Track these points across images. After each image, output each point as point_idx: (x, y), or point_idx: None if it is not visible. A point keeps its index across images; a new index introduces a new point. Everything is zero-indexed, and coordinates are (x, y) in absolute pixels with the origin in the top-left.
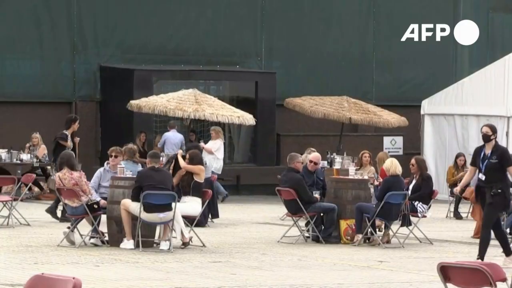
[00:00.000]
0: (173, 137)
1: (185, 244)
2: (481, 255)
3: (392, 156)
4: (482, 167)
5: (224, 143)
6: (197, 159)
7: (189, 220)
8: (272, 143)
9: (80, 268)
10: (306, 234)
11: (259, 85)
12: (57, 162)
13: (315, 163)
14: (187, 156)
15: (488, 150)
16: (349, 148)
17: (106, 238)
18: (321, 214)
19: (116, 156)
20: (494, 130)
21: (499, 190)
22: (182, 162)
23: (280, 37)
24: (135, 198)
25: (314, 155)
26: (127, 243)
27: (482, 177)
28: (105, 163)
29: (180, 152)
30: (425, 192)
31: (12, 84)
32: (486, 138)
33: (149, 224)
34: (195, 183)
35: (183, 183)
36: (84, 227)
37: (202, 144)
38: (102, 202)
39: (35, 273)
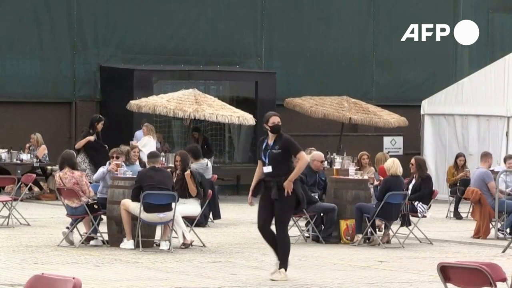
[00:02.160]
0: (141, 135)
1: (185, 245)
2: (284, 264)
3: (392, 156)
4: (265, 159)
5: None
6: (186, 161)
7: (189, 221)
8: None
9: (80, 268)
10: (306, 234)
11: (259, 85)
12: (59, 162)
13: (323, 161)
14: (177, 158)
15: (270, 140)
16: (349, 148)
17: (102, 238)
18: (321, 214)
19: (117, 157)
20: (280, 118)
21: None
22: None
23: (280, 37)
24: (135, 198)
25: (319, 154)
26: (127, 243)
27: (268, 169)
28: (107, 163)
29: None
30: (425, 192)
31: (12, 84)
32: (277, 128)
33: (149, 224)
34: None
35: (178, 186)
36: (81, 227)
37: (133, 142)
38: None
39: (35, 273)
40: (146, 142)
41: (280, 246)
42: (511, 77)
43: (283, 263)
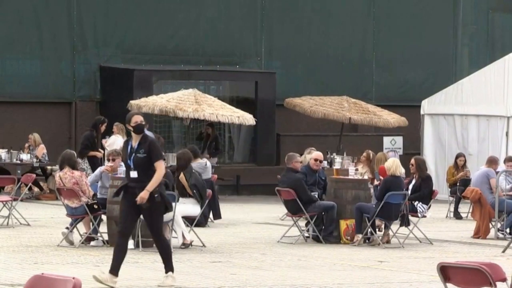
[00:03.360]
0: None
1: (185, 245)
2: (169, 267)
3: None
4: (130, 163)
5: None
6: (181, 161)
7: (189, 221)
8: (272, 143)
9: (80, 268)
10: (306, 234)
11: (259, 85)
12: (59, 162)
13: (320, 161)
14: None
15: (134, 142)
16: (349, 148)
17: (102, 238)
18: (322, 214)
19: (113, 159)
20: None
21: (156, 195)
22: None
23: (280, 37)
24: None
25: (318, 153)
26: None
27: (134, 174)
28: (106, 163)
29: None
30: (425, 192)
31: (12, 84)
32: (141, 129)
33: None
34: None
35: (179, 186)
36: (81, 227)
37: (104, 141)
38: None
39: (35, 273)
40: (113, 141)
41: (161, 252)
42: (511, 77)
43: (168, 266)
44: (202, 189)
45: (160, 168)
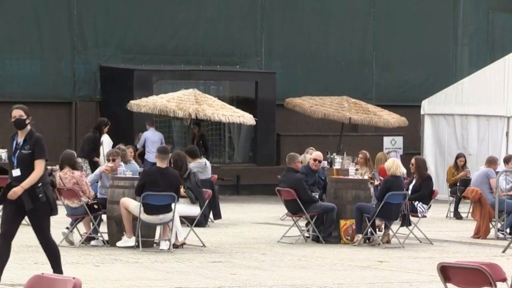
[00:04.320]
0: (152, 135)
1: (176, 246)
2: (57, 270)
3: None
4: (14, 160)
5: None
6: (178, 162)
7: (189, 220)
8: (272, 143)
9: (80, 268)
10: (306, 234)
11: (259, 85)
12: (59, 162)
13: (320, 161)
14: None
15: (20, 138)
16: (349, 148)
17: (102, 238)
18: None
19: (113, 160)
20: (28, 112)
21: (41, 195)
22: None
23: (280, 37)
24: (138, 193)
25: (318, 153)
26: (128, 240)
27: (17, 172)
28: (105, 163)
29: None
30: (425, 192)
31: (12, 84)
32: (20, 123)
33: (149, 225)
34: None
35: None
36: (81, 227)
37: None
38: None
39: (35, 273)
40: (107, 142)
41: (49, 254)
42: (511, 77)
43: (57, 269)
44: (198, 192)
45: (40, 166)
